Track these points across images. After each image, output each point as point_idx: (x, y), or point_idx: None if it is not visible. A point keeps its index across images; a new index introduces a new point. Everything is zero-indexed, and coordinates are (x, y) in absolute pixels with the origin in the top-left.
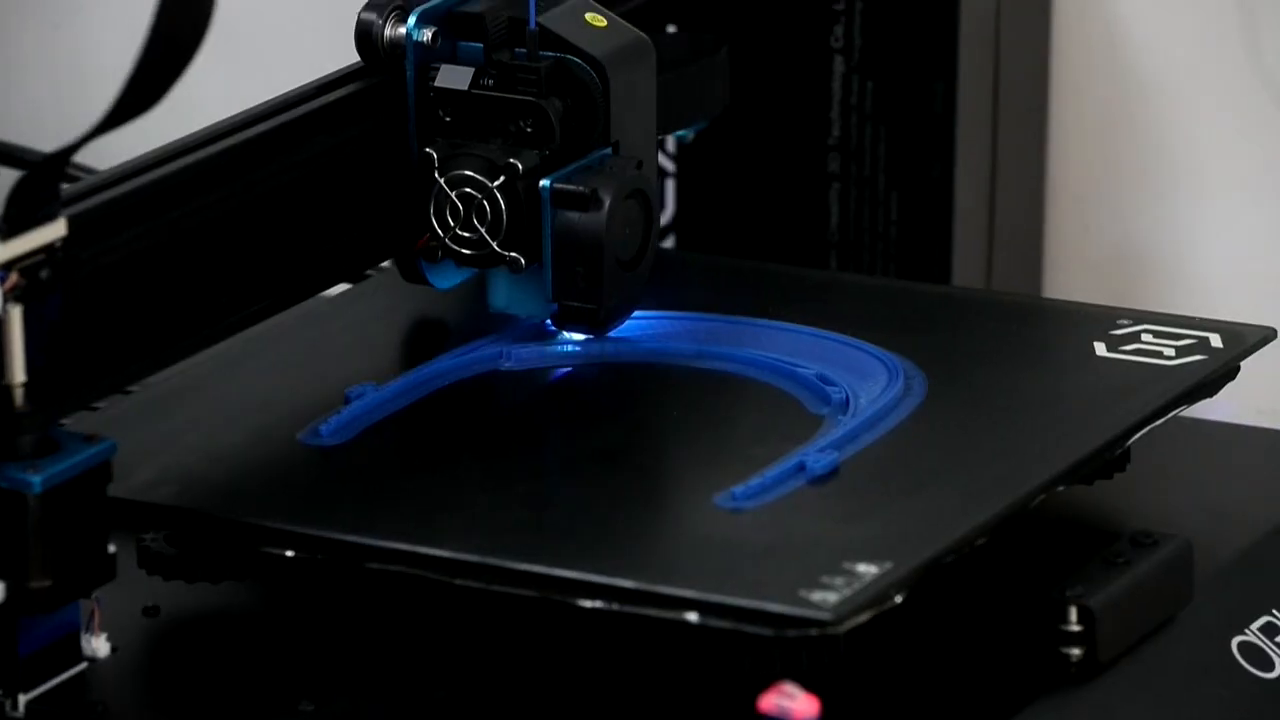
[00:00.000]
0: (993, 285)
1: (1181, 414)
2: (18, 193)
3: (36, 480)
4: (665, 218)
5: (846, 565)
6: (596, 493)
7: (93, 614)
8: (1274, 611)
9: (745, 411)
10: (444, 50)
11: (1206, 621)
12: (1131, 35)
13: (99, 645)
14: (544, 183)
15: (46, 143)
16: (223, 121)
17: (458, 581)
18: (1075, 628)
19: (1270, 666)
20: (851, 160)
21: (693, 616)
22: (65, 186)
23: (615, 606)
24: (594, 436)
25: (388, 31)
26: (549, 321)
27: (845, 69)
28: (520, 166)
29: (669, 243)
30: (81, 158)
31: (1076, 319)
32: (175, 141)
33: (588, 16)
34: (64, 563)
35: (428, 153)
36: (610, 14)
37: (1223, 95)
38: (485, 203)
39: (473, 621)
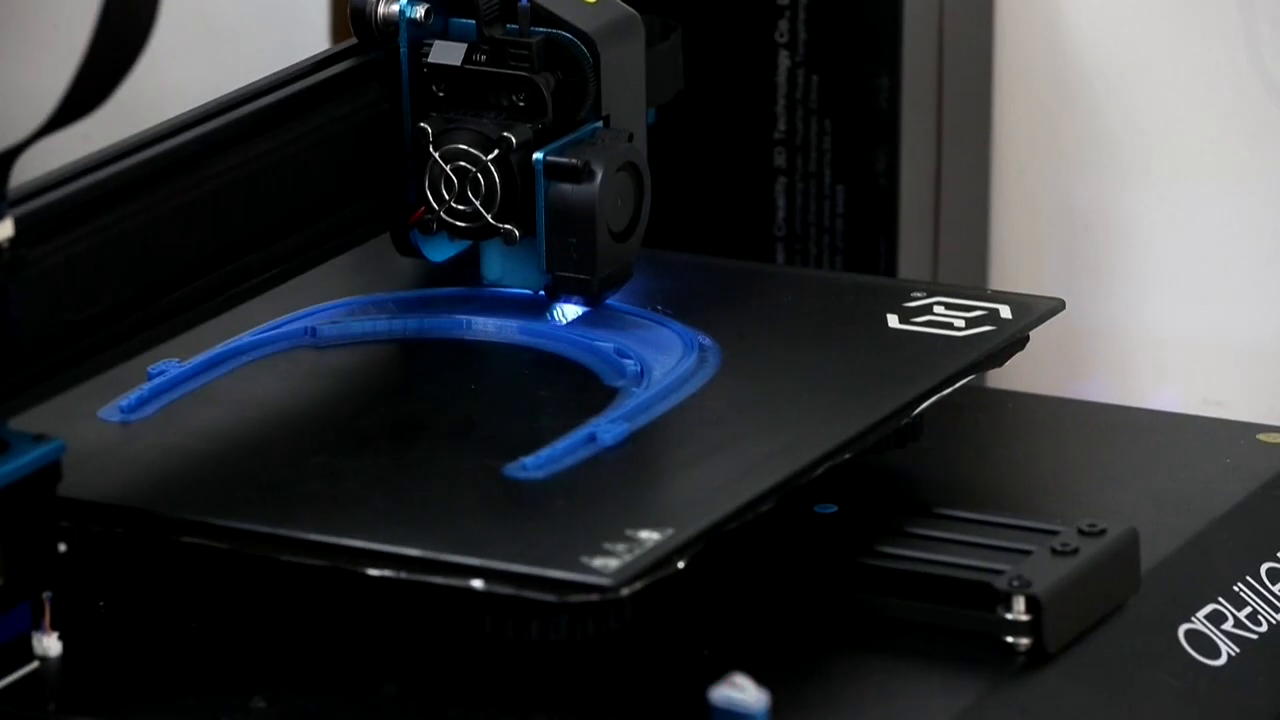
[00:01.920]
0: (939, 277)
1: (1133, 405)
2: None
3: None
4: None
5: (629, 532)
6: (391, 464)
7: (44, 613)
8: (1220, 600)
9: (542, 385)
10: (436, 26)
11: (1153, 610)
12: (1075, 27)
13: (50, 644)
14: (537, 156)
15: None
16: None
17: (250, 552)
18: (1023, 617)
19: (1217, 654)
20: (797, 154)
21: (477, 583)
22: (11, 187)
23: (402, 575)
24: (393, 410)
25: (381, 9)
26: (542, 292)
27: (790, 64)
28: (514, 140)
29: None
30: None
31: (872, 292)
32: (129, 138)
33: None
34: (14, 562)
35: (422, 127)
36: None
37: (1171, 87)
38: (479, 176)
39: (417, 616)
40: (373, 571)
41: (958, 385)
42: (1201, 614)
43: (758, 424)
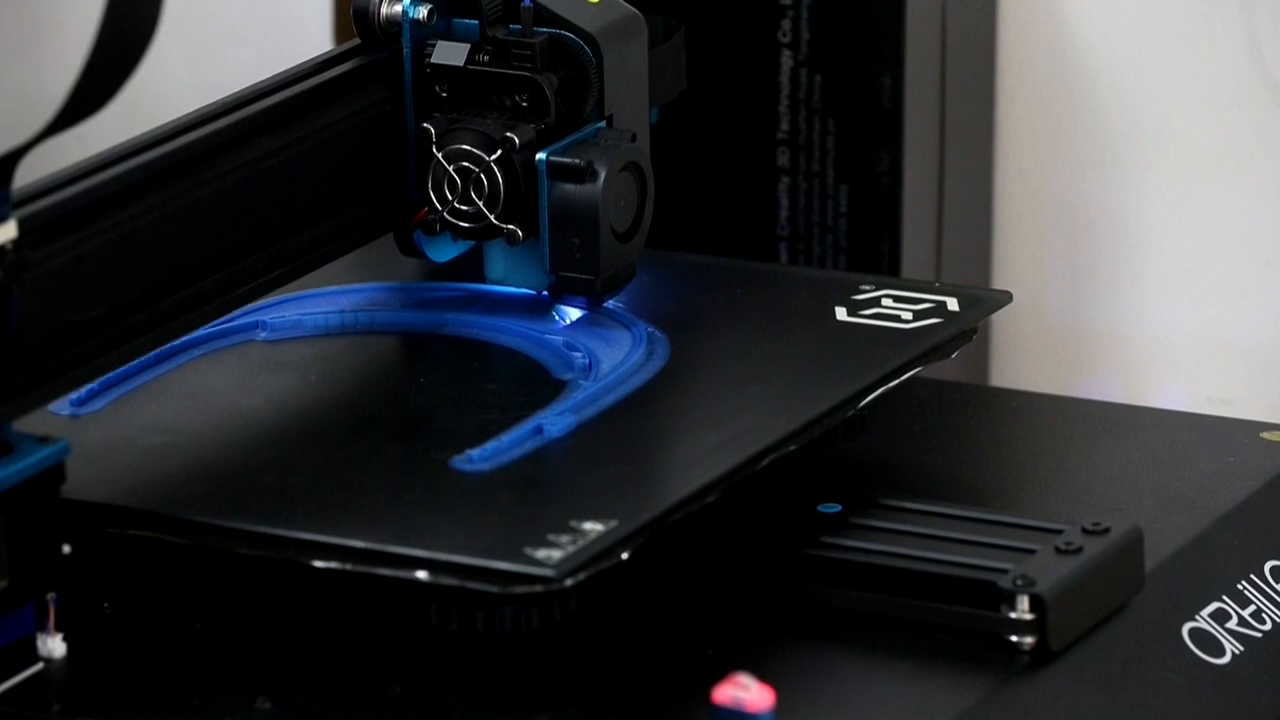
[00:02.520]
0: (943, 276)
1: (1137, 404)
2: None
3: None
4: None
5: (574, 523)
6: (340, 457)
7: (48, 614)
8: (1224, 598)
9: (491, 378)
10: (439, 27)
11: (1158, 608)
12: (1077, 25)
13: (55, 645)
14: (540, 156)
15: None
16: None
17: (201, 546)
18: (1027, 616)
19: (1221, 652)
20: (800, 154)
21: (422, 575)
22: (14, 189)
23: (348, 566)
24: (341, 404)
25: (384, 9)
26: (545, 292)
27: (793, 63)
28: (517, 140)
29: None
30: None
31: (821, 285)
32: (132, 139)
33: None
34: (19, 564)
35: (425, 128)
36: None
37: (1172, 87)
38: (483, 176)
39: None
40: (318, 563)
41: (905, 378)
42: (1205, 612)
43: (704, 416)
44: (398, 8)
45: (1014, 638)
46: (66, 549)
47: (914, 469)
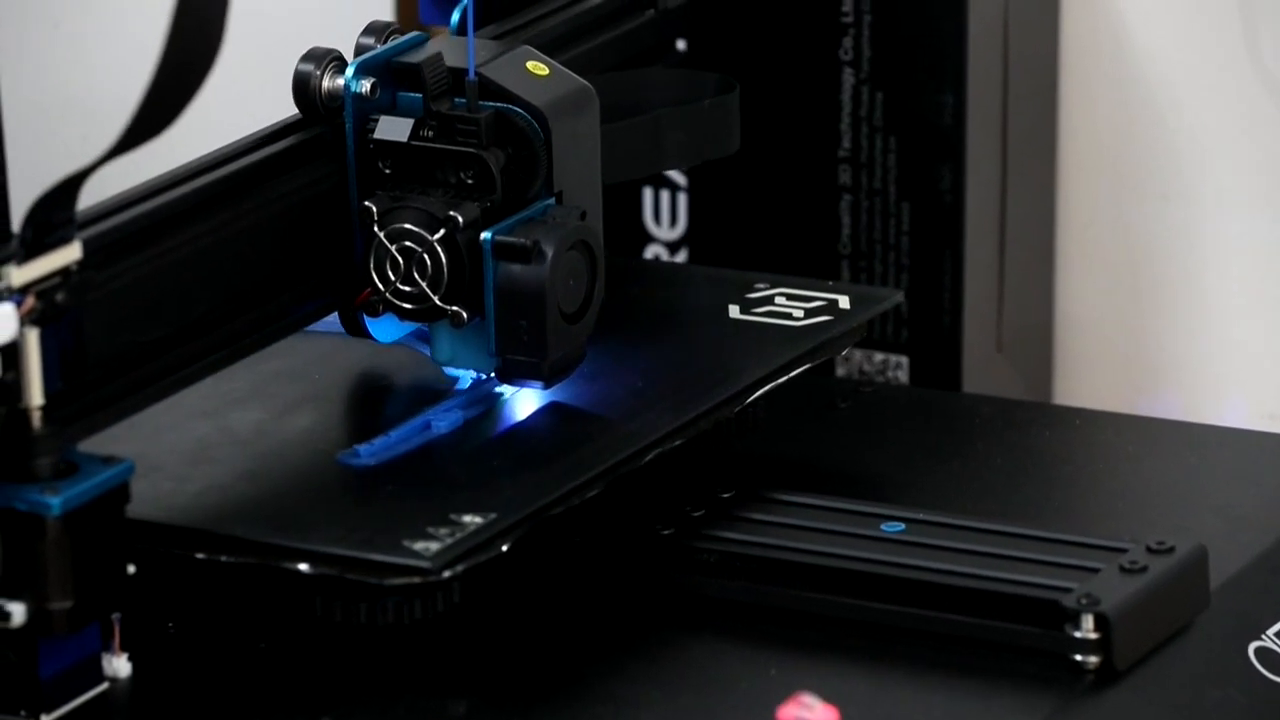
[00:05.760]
0: (1005, 295)
1: (1199, 422)
2: (33, 216)
3: (55, 502)
4: (678, 232)
5: (453, 516)
6: (236, 452)
7: (113, 634)
8: None
9: (384, 375)
10: (383, 101)
11: (1223, 628)
12: (1140, 43)
13: (120, 665)
14: (485, 235)
15: (45, 141)
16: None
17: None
18: (1092, 635)
19: None
20: (862, 172)
21: (304, 567)
22: (80, 209)
23: (232, 559)
24: (240, 401)
25: (325, 83)
26: (493, 375)
27: (855, 81)
28: (460, 219)
29: (682, 257)
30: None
31: (717, 283)
32: (186, 164)
33: (529, 65)
34: (84, 584)
35: (367, 206)
36: (553, 62)
37: (1233, 104)
38: (426, 256)
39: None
40: (200, 555)
41: (793, 374)
42: (1271, 631)
43: (591, 412)
44: (339, 81)
45: (1079, 657)
46: (131, 569)
47: (978, 487)
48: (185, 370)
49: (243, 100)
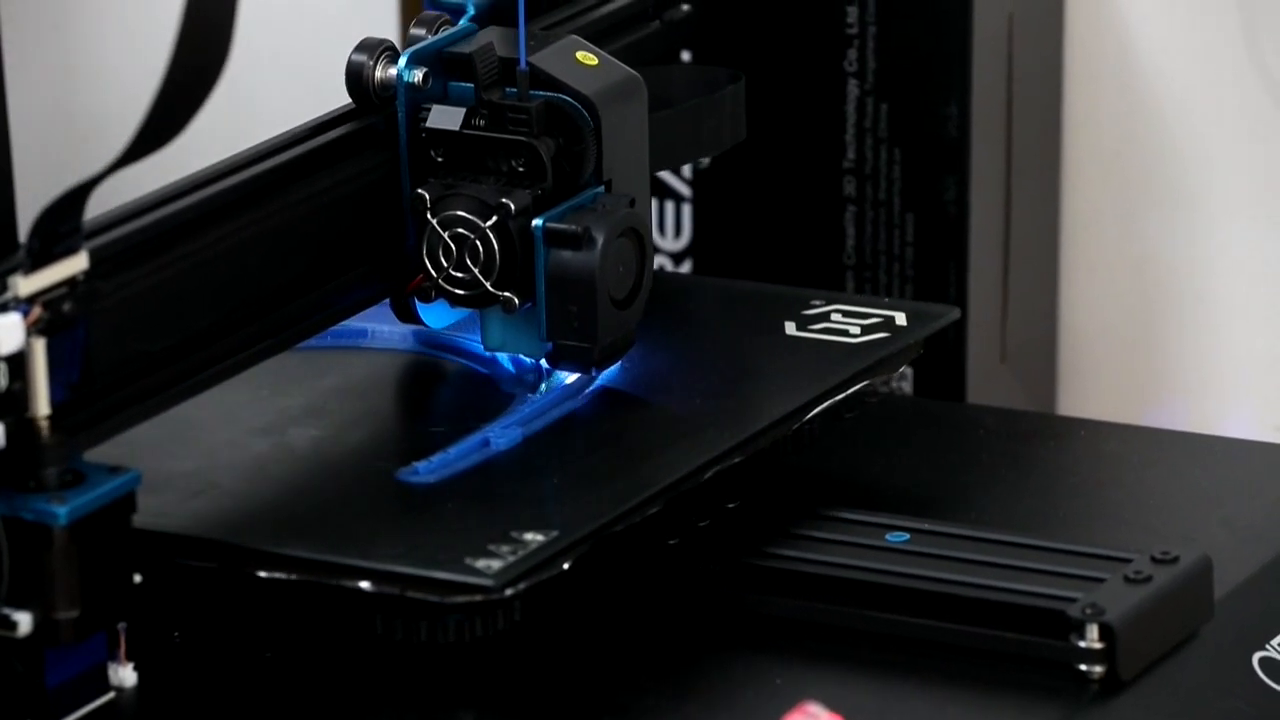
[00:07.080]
0: (1009, 306)
1: (1204, 432)
2: (40, 226)
3: (62, 512)
4: (682, 243)
5: (515, 534)
6: (290, 469)
7: (119, 643)
8: None
9: (441, 391)
10: (435, 91)
11: (1227, 637)
12: (1144, 55)
13: (126, 675)
14: (536, 222)
15: (45, 142)
16: (231, 157)
17: (147, 554)
18: (1096, 645)
19: None
20: (866, 183)
21: (365, 585)
22: (87, 219)
23: (292, 576)
24: (293, 417)
25: (378, 73)
26: (544, 361)
27: (859, 92)
28: (512, 206)
29: (686, 268)
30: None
31: (772, 300)
32: (193, 174)
33: (578, 55)
34: (90, 593)
35: (420, 193)
36: (601, 52)
37: (1237, 114)
38: (478, 243)
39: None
40: (262, 574)
41: (850, 391)
42: (1276, 641)
43: (650, 429)
44: (392, 71)
45: (1083, 667)
46: (138, 578)
47: (982, 497)
48: (194, 379)
49: (250, 104)
